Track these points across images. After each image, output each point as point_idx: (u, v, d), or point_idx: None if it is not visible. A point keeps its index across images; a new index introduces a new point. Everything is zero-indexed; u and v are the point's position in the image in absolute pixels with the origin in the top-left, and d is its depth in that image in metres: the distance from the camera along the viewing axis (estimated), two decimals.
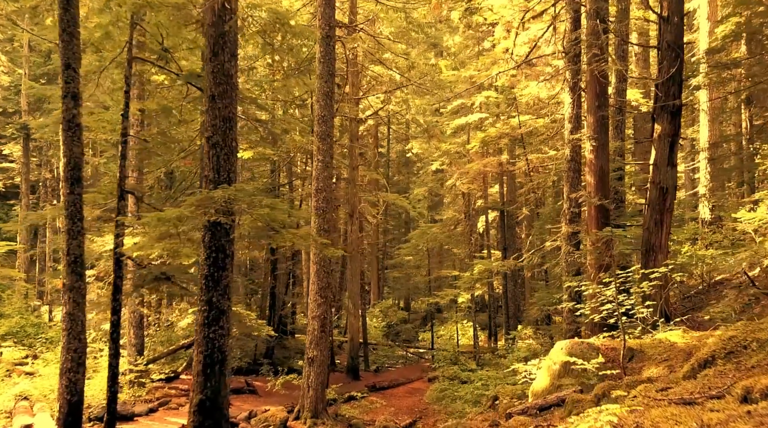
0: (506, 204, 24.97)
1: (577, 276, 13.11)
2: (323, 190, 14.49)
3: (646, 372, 7.47)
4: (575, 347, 8.53)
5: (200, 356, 6.68)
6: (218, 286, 6.78)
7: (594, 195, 12.68)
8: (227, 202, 6.52)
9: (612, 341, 8.67)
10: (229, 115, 7.05)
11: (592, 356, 8.30)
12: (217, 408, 6.57)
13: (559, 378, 8.48)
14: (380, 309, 36.52)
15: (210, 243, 6.78)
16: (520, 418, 7.42)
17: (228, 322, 6.89)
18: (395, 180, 45.52)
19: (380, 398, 18.46)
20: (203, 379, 6.60)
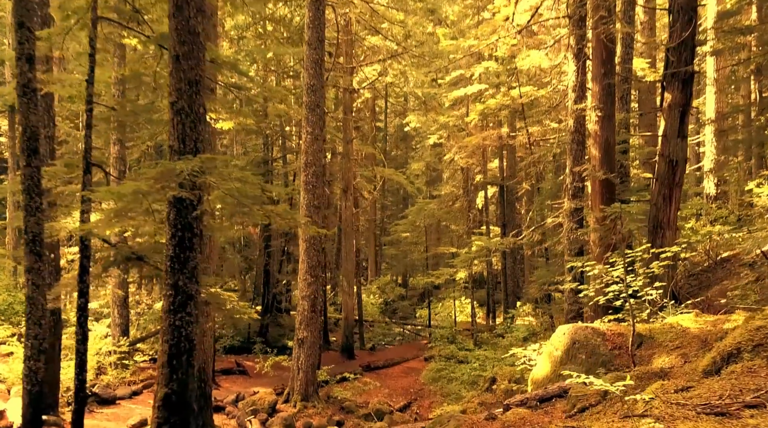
0: (506, 179, 24.23)
1: (579, 254, 12.45)
2: (313, 164, 13.76)
3: (657, 361, 6.83)
4: (579, 332, 7.88)
5: (165, 345, 6.03)
6: (185, 269, 6.09)
7: (599, 168, 11.95)
8: (192, 175, 5.81)
9: (618, 326, 8.03)
10: (196, 78, 6.29)
11: (597, 342, 7.67)
12: (184, 403, 5.93)
13: (561, 365, 7.85)
14: (378, 285, 35.98)
15: (175, 221, 6.07)
16: (518, 410, 6.80)
17: (197, 308, 6.22)
18: (393, 155, 44.69)
19: (375, 378, 17.94)
20: (169, 371, 5.95)
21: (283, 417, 12.29)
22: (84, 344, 8.38)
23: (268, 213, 6.38)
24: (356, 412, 14.11)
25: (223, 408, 12.96)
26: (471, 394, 14.59)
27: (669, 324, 7.78)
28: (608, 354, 7.49)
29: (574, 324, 8.14)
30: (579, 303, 12.03)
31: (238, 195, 6.00)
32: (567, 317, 12.23)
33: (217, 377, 16.41)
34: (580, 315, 12.09)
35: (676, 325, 7.69)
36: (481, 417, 6.86)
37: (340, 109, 23.01)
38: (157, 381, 6.10)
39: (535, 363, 9.01)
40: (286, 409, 13.34)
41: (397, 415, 13.99)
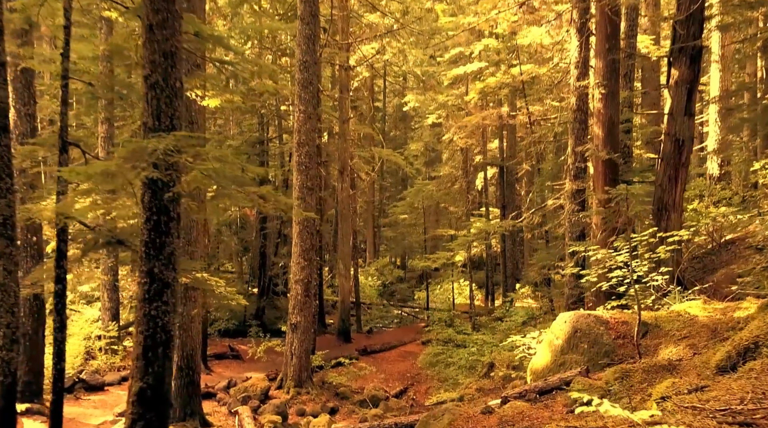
0: (506, 159, 23.75)
1: (581, 237, 12.04)
2: (306, 144, 13.30)
3: (664, 351, 6.45)
4: (581, 320, 7.50)
5: (140, 337, 5.64)
6: (161, 255, 5.68)
7: (602, 148, 11.50)
8: (166, 154, 5.37)
9: (622, 313, 7.64)
10: (171, 50, 5.83)
11: (600, 331, 7.29)
12: (160, 398, 5.55)
13: (562, 354, 7.48)
14: (376, 267, 35.64)
15: (150, 204, 5.65)
16: (516, 404, 6.44)
17: (174, 296, 5.82)
18: (392, 135, 44.11)
19: (371, 363, 17.63)
20: (144, 364, 5.57)
21: (275, 404, 11.97)
22: (62, 332, 8.00)
23: (250, 195, 5.95)
24: (351, 398, 13.81)
25: (214, 394, 12.65)
26: (468, 380, 14.30)
27: (676, 312, 7.40)
28: (611, 344, 7.12)
29: (575, 312, 7.75)
30: (580, 288, 11.65)
31: (215, 176, 5.55)
32: (567, 302, 11.86)
33: (209, 362, 16.11)
34: (581, 301, 11.72)
35: (684, 313, 7.31)
36: (477, 410, 6.51)
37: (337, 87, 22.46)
38: (131, 374, 5.72)
39: (534, 351, 8.65)
40: (279, 395, 13.04)
41: (392, 401, 13.69)
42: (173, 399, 10.16)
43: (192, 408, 10.12)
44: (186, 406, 10.05)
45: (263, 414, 11.86)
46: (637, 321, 7.23)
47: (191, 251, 10.12)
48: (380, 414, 12.65)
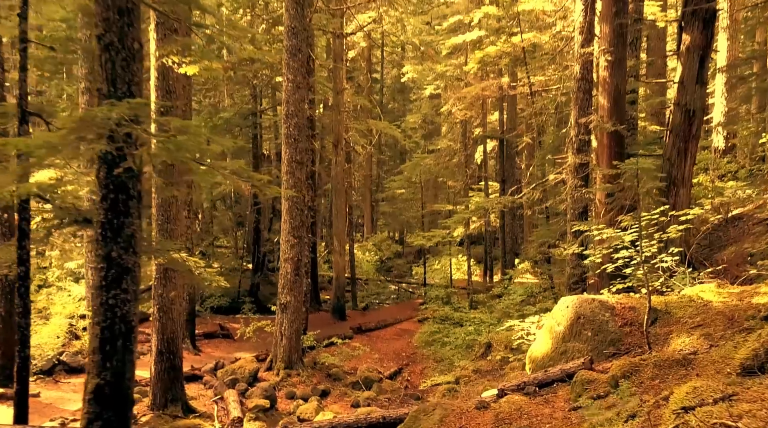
0: (506, 132, 23.03)
1: (583, 214, 11.44)
2: (294, 115, 12.63)
3: (676, 341, 5.90)
4: (584, 305, 6.94)
5: (96, 328, 5.09)
6: (119, 237, 5.09)
7: (607, 119, 10.82)
8: (119, 125, 4.73)
9: (629, 298, 7.08)
10: (128, 6, 5.16)
11: (606, 317, 6.73)
12: (120, 396, 5.01)
13: (564, 342, 6.94)
14: (373, 243, 35.12)
15: (106, 181, 5.04)
16: (514, 398, 5.91)
17: (135, 283, 5.25)
18: (390, 107, 43.24)
19: (366, 341, 17.19)
20: (101, 358, 5.02)
21: (263, 387, 11.49)
22: (26, 318, 7.48)
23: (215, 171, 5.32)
24: (344, 380, 13.35)
25: (200, 377, 12.18)
26: (464, 362, 13.83)
27: (687, 297, 6.83)
28: (618, 332, 6.57)
29: (578, 297, 7.19)
30: (582, 267, 11.09)
31: (174, 149, 4.92)
32: (569, 281, 11.31)
33: (198, 342, 15.64)
34: (583, 281, 11.17)
35: (696, 298, 6.74)
36: (471, 404, 5.97)
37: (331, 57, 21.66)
38: (87, 369, 5.17)
39: (533, 338, 8.10)
40: (269, 378, 12.57)
41: (386, 383, 13.24)
42: (153, 386, 9.68)
43: (174, 393, 9.63)
44: (167, 392, 9.56)
45: (251, 398, 11.40)
46: (645, 308, 6.67)
47: (170, 229, 9.53)
48: (373, 397, 12.21)
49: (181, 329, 9.82)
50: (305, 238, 14.32)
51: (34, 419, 9.49)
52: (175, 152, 4.87)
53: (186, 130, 5.14)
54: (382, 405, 11.97)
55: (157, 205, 9.52)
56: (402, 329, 19.02)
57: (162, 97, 9.41)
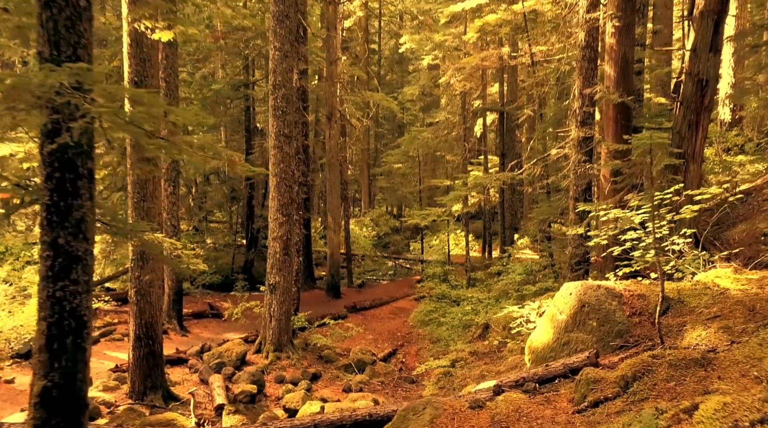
0: (506, 104, 22.27)
1: (587, 191, 10.83)
2: (282, 86, 11.94)
3: (691, 335, 5.35)
4: (589, 292, 6.38)
5: (42, 324, 4.54)
6: (67, 221, 4.50)
7: (614, 90, 10.15)
8: (59, 94, 4.10)
9: (638, 284, 6.51)
10: None
11: (613, 306, 6.17)
12: (70, 399, 4.48)
13: (566, 332, 6.40)
14: (371, 217, 34.58)
15: (50, 158, 4.42)
16: (512, 396, 5.38)
17: (87, 273, 4.67)
18: (388, 79, 42.33)
19: (360, 321, 16.72)
20: (48, 358, 4.49)
21: (250, 372, 11.01)
22: None
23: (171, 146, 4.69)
24: (336, 362, 12.89)
25: (185, 360, 11.69)
26: (461, 344, 13.37)
27: (702, 284, 6.27)
28: (626, 323, 6.01)
29: (583, 283, 6.62)
30: (585, 247, 10.52)
31: (125, 122, 4.29)
32: (571, 261, 10.75)
33: (186, 322, 15.15)
34: (586, 261, 10.62)
35: (711, 285, 6.18)
36: (464, 403, 5.44)
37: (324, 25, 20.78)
38: (33, 370, 4.61)
39: (533, 326, 7.55)
40: (257, 361, 12.09)
41: (379, 366, 12.78)
42: (132, 372, 9.19)
43: (153, 380, 9.13)
44: (146, 379, 9.06)
45: (238, 383, 10.93)
46: (656, 296, 6.11)
47: (147, 208, 8.93)
48: (365, 381, 11.75)
49: (160, 313, 9.27)
50: (295, 216, 13.74)
51: (5, 407, 9.02)
52: (125, 125, 4.24)
53: (139, 100, 4.50)
54: (375, 390, 11.52)
55: (132, 181, 8.91)
56: (398, 307, 18.56)
57: (136, 66, 8.73)
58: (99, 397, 8.81)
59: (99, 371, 10.60)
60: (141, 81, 8.70)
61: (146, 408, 8.31)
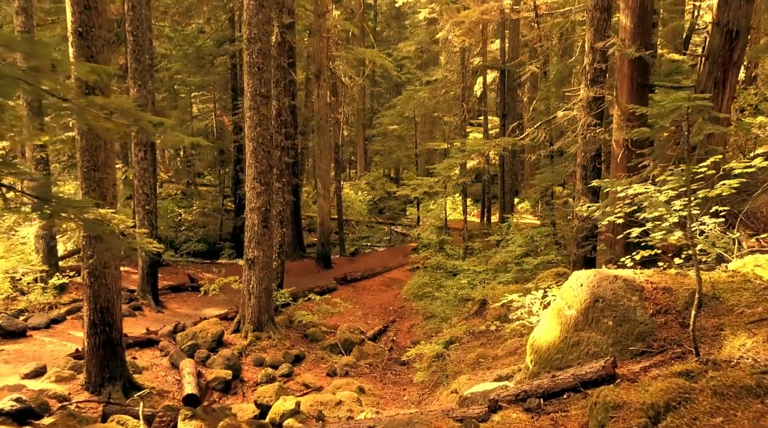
0: (507, 61, 20.91)
1: (596, 158, 9.71)
2: (258, 40, 10.71)
3: (731, 343, 4.34)
4: (604, 284, 5.36)
5: None
6: None
7: (630, 43, 8.93)
8: None
9: (662, 276, 5.46)
10: None
11: (632, 302, 5.15)
12: None
13: (576, 330, 5.40)
14: (367, 181, 33.43)
15: None
16: (510, 415, 4.43)
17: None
18: (384, 35, 40.60)
19: (350, 294, 15.82)
20: None
21: (225, 355, 10.11)
22: None
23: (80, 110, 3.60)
24: (322, 341, 12.01)
25: (156, 342, 10.76)
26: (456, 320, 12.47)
27: (741, 275, 5.24)
28: (649, 323, 5.00)
29: (596, 272, 5.58)
30: (593, 220, 9.45)
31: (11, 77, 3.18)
32: (577, 236, 9.71)
33: (164, 296, 14.22)
34: (594, 236, 9.58)
35: (753, 277, 5.15)
36: (453, 424, 4.48)
37: None
38: None
39: (537, 320, 6.54)
40: (236, 341, 11.18)
41: (368, 345, 11.90)
42: (87, 362, 8.24)
43: (112, 370, 8.19)
44: (103, 369, 8.12)
45: (212, 368, 10.05)
46: (687, 291, 5.09)
47: (99, 178, 7.83)
48: (352, 363, 10.88)
49: (118, 296, 8.27)
50: (277, 184, 12.68)
51: None
52: (15, 81, 3.13)
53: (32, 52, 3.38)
54: (362, 373, 10.66)
55: (81, 148, 7.79)
56: (391, 278, 17.64)
57: (80, 14, 7.52)
58: (50, 390, 7.89)
59: (59, 355, 9.68)
60: (86, 32, 7.51)
61: (95, 405, 7.38)
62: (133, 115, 3.88)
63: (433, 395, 9.24)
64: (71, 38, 7.54)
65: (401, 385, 10.17)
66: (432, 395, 9.26)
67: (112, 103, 3.84)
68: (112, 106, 3.83)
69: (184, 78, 22.85)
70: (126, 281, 15.23)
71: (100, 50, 7.68)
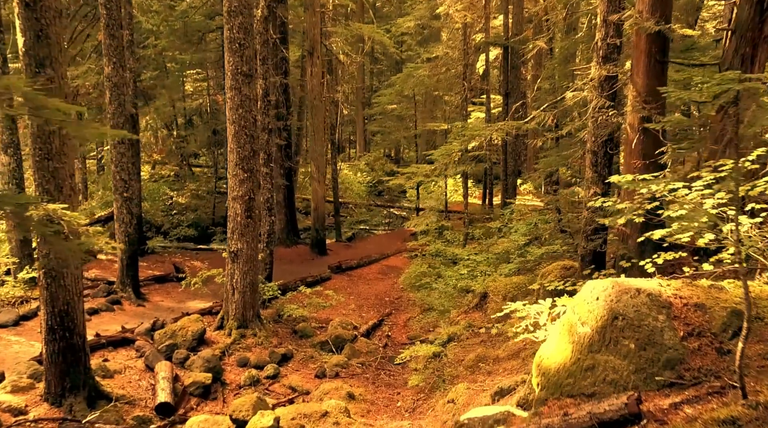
0: (511, 38, 19.89)
1: (609, 142, 8.84)
2: (239, 13, 9.80)
3: None
4: (624, 299, 4.55)
5: None
6: None
7: (648, 15, 8.01)
8: None
9: (693, 288, 4.64)
10: None
11: (659, 322, 4.34)
12: None
13: (591, 352, 4.61)
14: (366, 162, 32.54)
15: None
16: None
17: None
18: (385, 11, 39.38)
19: (345, 283, 15.08)
20: None
21: (205, 357, 9.37)
22: None
23: None
24: (312, 338, 11.27)
25: (132, 341, 10.00)
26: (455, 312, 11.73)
27: None
28: (679, 348, 4.20)
29: (614, 283, 4.77)
30: (604, 211, 8.60)
31: None
32: (586, 228, 8.87)
33: (147, 287, 13.46)
34: (604, 229, 8.75)
35: None
36: None
37: None
38: None
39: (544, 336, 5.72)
40: (219, 339, 10.45)
41: (361, 342, 11.15)
42: (47, 371, 7.49)
43: (74, 379, 7.46)
44: (64, 379, 7.38)
45: (191, 369, 9.33)
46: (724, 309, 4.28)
47: (53, 168, 7.01)
48: (343, 363, 10.16)
49: (78, 297, 7.49)
50: (264, 169, 11.86)
51: None
52: None
53: None
54: (353, 374, 9.94)
55: (32, 134, 6.96)
56: (388, 266, 16.88)
57: None
58: (4, 402, 7.15)
59: (24, 357, 8.93)
60: (34, 1, 6.62)
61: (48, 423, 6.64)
62: (35, 101, 3.07)
63: (428, 401, 8.52)
64: (17, 8, 6.67)
65: (395, 388, 9.44)
66: (427, 401, 8.54)
67: (7, 80, 3.01)
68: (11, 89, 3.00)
69: (175, 55, 21.91)
70: (107, 271, 14.50)
71: (52, 22, 6.79)
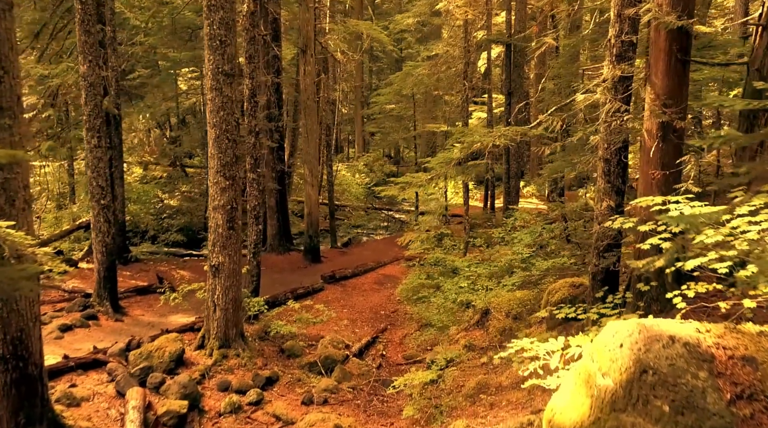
0: (513, 35, 19.10)
1: (623, 151, 8.05)
2: (220, 8, 9.03)
3: None
4: (655, 348, 3.77)
5: None
6: None
7: (668, 9, 7.21)
8: None
9: (737, 336, 3.82)
10: None
11: (699, 380, 3.56)
12: None
13: (614, 410, 3.83)
14: (365, 162, 31.79)
15: None
16: None
17: None
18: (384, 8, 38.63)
19: (338, 294, 14.30)
20: None
21: (181, 382, 8.59)
22: None
23: None
24: (300, 357, 10.49)
25: (104, 363, 9.22)
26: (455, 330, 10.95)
27: None
28: (726, 415, 3.42)
29: (640, 326, 3.98)
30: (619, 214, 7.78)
31: None
32: (597, 243, 8.07)
33: (127, 300, 12.71)
34: (618, 246, 7.96)
35: None
36: None
37: None
38: None
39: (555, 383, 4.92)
40: (199, 360, 9.67)
41: (353, 363, 10.37)
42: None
43: (29, 414, 6.69)
44: (17, 413, 6.61)
45: (166, 395, 8.56)
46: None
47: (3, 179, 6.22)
48: (333, 387, 9.39)
49: (34, 322, 6.73)
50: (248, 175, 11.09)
51: None
52: None
53: None
54: (344, 400, 9.16)
55: None
56: (385, 275, 16.11)
57: None
58: None
59: None
60: None
61: None
62: None
63: None
64: None
65: (388, 417, 8.67)
66: None
67: None
68: None
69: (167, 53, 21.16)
70: (87, 281, 13.73)
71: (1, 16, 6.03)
